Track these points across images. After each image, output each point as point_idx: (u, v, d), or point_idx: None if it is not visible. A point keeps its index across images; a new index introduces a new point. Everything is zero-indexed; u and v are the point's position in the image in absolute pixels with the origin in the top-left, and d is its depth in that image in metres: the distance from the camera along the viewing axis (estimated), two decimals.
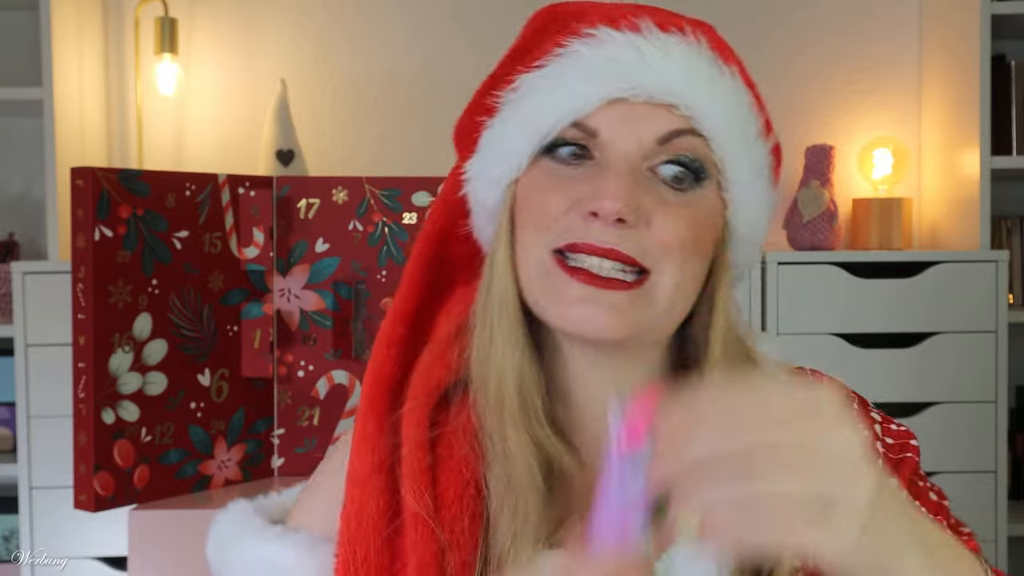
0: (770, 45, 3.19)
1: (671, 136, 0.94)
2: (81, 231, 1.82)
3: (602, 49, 0.96)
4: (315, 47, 3.21)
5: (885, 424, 1.09)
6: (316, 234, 2.09)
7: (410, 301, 1.06)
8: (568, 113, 0.95)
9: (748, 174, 0.99)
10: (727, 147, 0.97)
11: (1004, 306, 2.69)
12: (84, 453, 1.83)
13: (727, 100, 0.97)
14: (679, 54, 0.95)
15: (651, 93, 0.94)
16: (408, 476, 0.98)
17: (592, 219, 0.92)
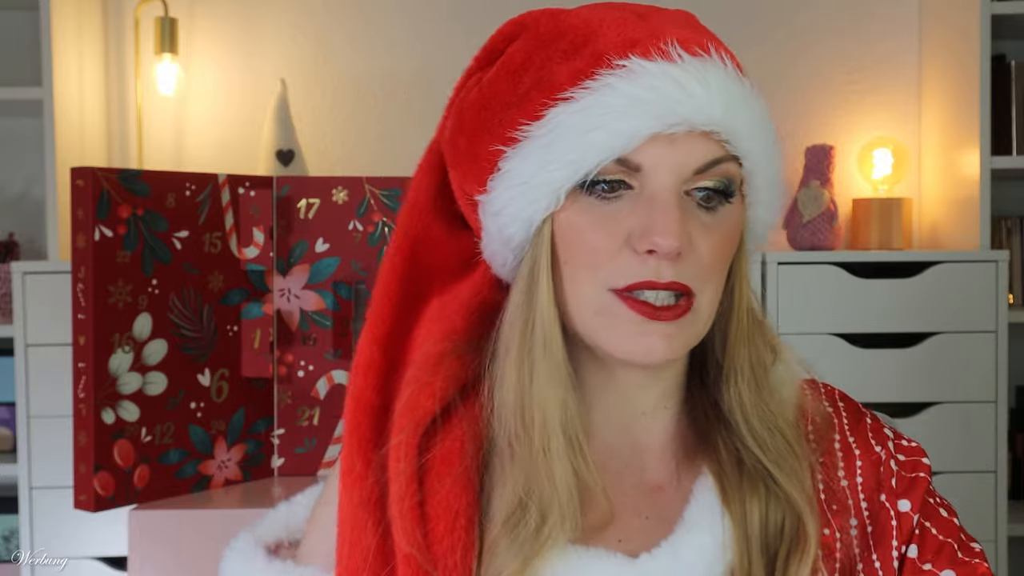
0: (770, 45, 3.19)
1: (709, 166, 0.95)
2: (81, 231, 1.82)
3: (637, 82, 0.94)
4: (315, 47, 3.21)
5: (897, 440, 1.09)
6: (316, 234, 2.09)
7: (385, 321, 1.06)
8: (611, 152, 0.94)
9: (772, 181, 1.02)
10: (756, 162, 0.99)
11: (1004, 306, 2.69)
12: (84, 453, 1.83)
13: (757, 118, 0.99)
14: (716, 81, 0.95)
15: (693, 124, 0.94)
16: (397, 515, 0.97)
17: (648, 256, 0.93)
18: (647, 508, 1.03)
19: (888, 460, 1.06)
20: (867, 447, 1.06)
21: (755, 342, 1.04)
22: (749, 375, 1.02)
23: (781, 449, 1.00)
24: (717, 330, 1.02)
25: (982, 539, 2.68)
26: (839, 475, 1.05)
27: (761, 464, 1.00)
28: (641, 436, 1.06)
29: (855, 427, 1.08)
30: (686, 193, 0.95)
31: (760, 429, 1.01)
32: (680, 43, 0.96)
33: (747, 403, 1.01)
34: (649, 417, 1.06)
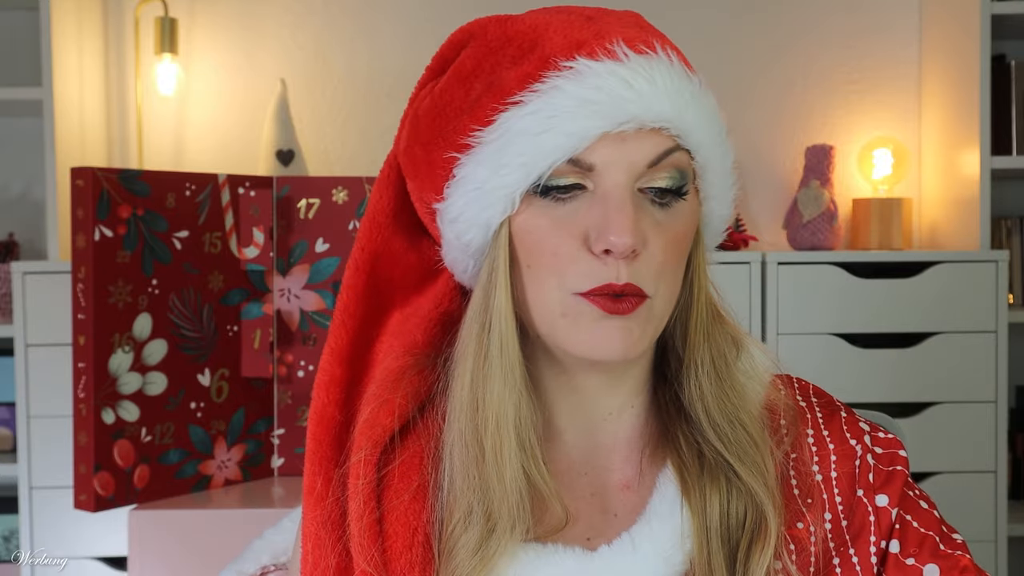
0: (770, 45, 3.18)
1: (660, 158, 0.95)
2: (81, 231, 1.82)
3: (584, 83, 0.94)
4: (315, 47, 3.21)
5: (874, 433, 1.09)
6: (316, 234, 2.09)
7: (346, 337, 1.06)
8: (563, 153, 0.94)
9: (722, 172, 1.02)
10: (708, 156, 0.99)
11: (1004, 306, 2.69)
12: (84, 453, 1.84)
13: (704, 112, 0.98)
14: (663, 78, 0.95)
15: (642, 121, 0.94)
16: (356, 533, 0.98)
17: (606, 256, 0.93)
18: (615, 506, 1.04)
19: (864, 454, 1.06)
20: (842, 441, 1.06)
21: (715, 336, 1.04)
22: (709, 367, 1.03)
23: (742, 441, 1.01)
24: (677, 324, 1.03)
25: (982, 539, 2.68)
26: (813, 469, 1.05)
27: (722, 457, 1.00)
28: (607, 437, 1.06)
29: (829, 421, 1.08)
30: (640, 191, 0.96)
31: (721, 421, 1.01)
32: (626, 42, 0.96)
33: (708, 395, 1.02)
34: (615, 418, 1.06)
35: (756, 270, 2.69)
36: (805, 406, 1.09)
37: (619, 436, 1.06)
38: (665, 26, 1.04)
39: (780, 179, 3.16)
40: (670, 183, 0.96)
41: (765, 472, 1.00)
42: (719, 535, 0.99)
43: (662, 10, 2.94)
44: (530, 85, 0.96)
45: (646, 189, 0.96)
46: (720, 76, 3.06)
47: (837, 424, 1.08)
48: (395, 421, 1.00)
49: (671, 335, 1.04)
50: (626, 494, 1.04)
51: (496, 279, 0.98)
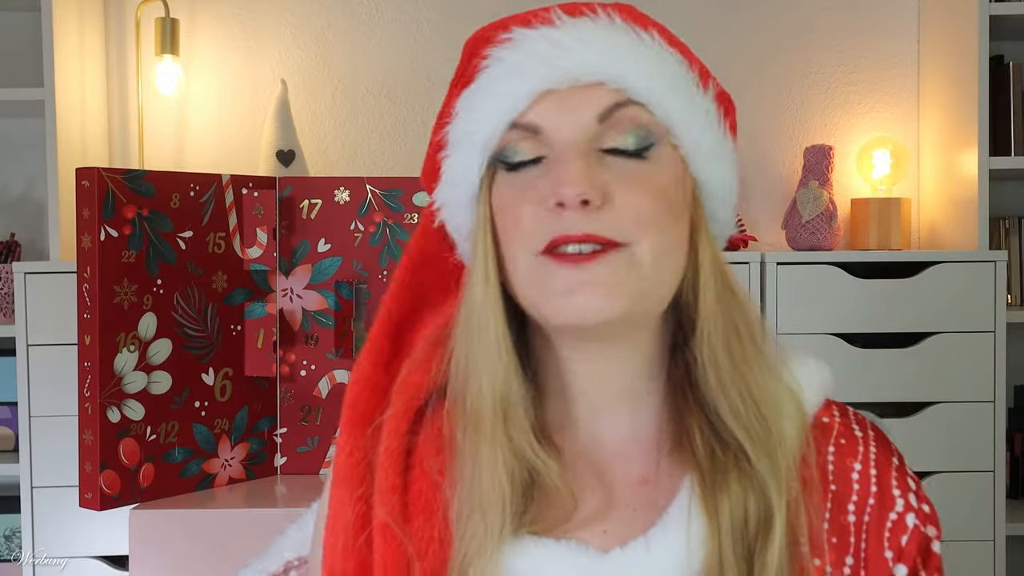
0: (770, 45, 3.19)
1: (610, 111, 0.95)
2: (87, 231, 1.82)
3: (519, 48, 0.97)
4: (315, 47, 3.22)
5: (918, 491, 1.04)
6: (318, 234, 2.10)
7: (393, 319, 1.08)
8: (502, 115, 0.96)
9: (696, 126, 0.99)
10: (666, 106, 0.97)
11: (1003, 306, 2.69)
12: (90, 451, 1.84)
13: (652, 63, 0.97)
14: (593, 33, 0.96)
15: (575, 76, 0.95)
16: (380, 485, 0.99)
17: (560, 210, 0.92)
18: (634, 500, 1.02)
19: (906, 514, 1.01)
20: (886, 489, 1.01)
21: (728, 299, 1.00)
22: (724, 331, 0.99)
23: (755, 424, 0.97)
24: (689, 299, 1.00)
25: (981, 539, 2.69)
26: (849, 507, 1.01)
27: (735, 439, 0.97)
28: (625, 427, 1.03)
29: (881, 461, 1.03)
30: (602, 150, 0.95)
31: (735, 396, 0.98)
32: (563, 9, 0.98)
33: (722, 367, 0.98)
34: (629, 403, 1.03)
35: (755, 270, 2.69)
36: (860, 436, 1.05)
37: (635, 423, 1.04)
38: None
39: (779, 179, 3.17)
40: (632, 140, 0.96)
41: (778, 460, 0.97)
42: (736, 538, 0.96)
43: (660, 8, 2.92)
44: (479, 64, 1.00)
45: (610, 149, 0.95)
46: (719, 76, 3.05)
47: (887, 469, 1.03)
48: (428, 382, 1.02)
49: (683, 310, 1.01)
50: (645, 488, 1.02)
51: (476, 253, 1.00)
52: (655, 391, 1.04)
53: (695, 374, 1.00)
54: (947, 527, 2.64)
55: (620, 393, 1.03)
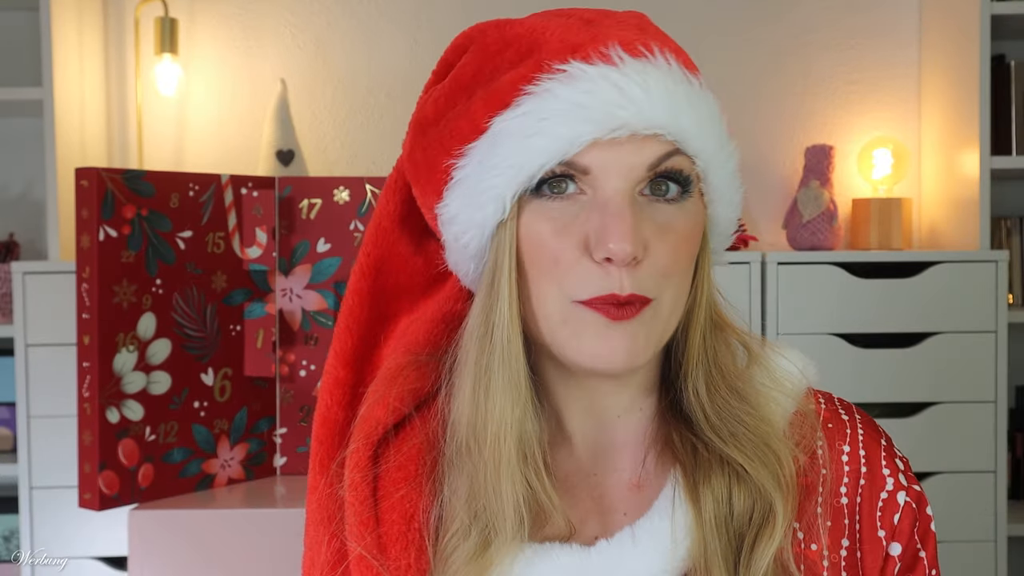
0: (770, 45, 3.19)
1: (660, 161, 0.94)
2: (86, 231, 1.82)
3: (576, 86, 0.93)
4: (315, 47, 3.22)
5: (907, 472, 1.05)
6: (318, 234, 2.09)
7: (350, 340, 1.07)
8: (553, 157, 0.93)
9: (724, 171, 1.00)
10: (709, 161, 0.97)
11: (1004, 306, 2.69)
12: (89, 452, 1.84)
13: (704, 116, 0.96)
14: (657, 83, 0.93)
15: (634, 128, 0.92)
16: (350, 520, 0.99)
17: (608, 265, 0.91)
18: (624, 505, 1.03)
19: (896, 492, 1.03)
20: (876, 469, 1.03)
21: (712, 341, 1.02)
22: (707, 373, 1.01)
23: (748, 440, 0.98)
24: (680, 329, 1.01)
25: (982, 539, 2.69)
26: (841, 490, 1.02)
27: (724, 452, 0.98)
28: (616, 438, 1.04)
29: (869, 442, 1.04)
30: (642, 194, 0.94)
31: (720, 425, 0.99)
32: (622, 45, 0.94)
33: (705, 401, 1.00)
34: (623, 419, 1.04)
35: (756, 270, 2.69)
36: (847, 419, 1.06)
37: (628, 437, 1.05)
38: (665, 27, 1.03)
39: (780, 179, 3.17)
40: (674, 189, 0.95)
41: (774, 465, 0.98)
42: (720, 529, 0.97)
43: (662, 10, 2.93)
44: (523, 88, 0.95)
45: (646, 192, 0.95)
46: (720, 76, 3.06)
47: (876, 450, 1.04)
48: (389, 416, 1.01)
49: (675, 338, 1.02)
50: (635, 493, 1.03)
51: (500, 285, 0.97)
52: (647, 407, 1.05)
53: (683, 386, 1.02)
54: (948, 527, 2.65)
55: (615, 411, 1.04)
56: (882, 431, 1.07)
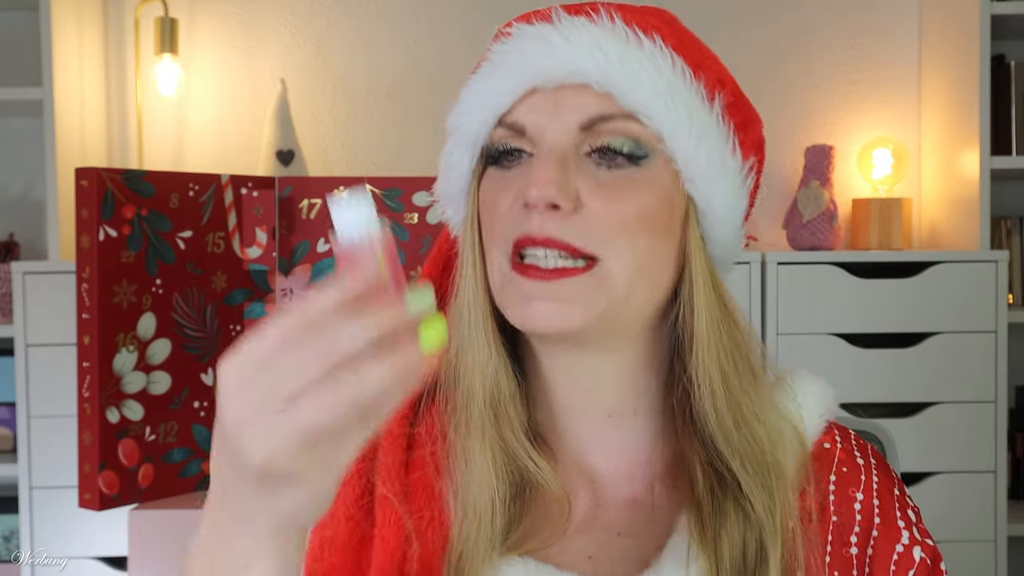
0: (770, 45, 3.19)
1: (592, 122, 0.92)
2: (86, 231, 1.82)
3: (513, 44, 0.95)
4: (315, 47, 3.21)
5: (919, 525, 1.01)
6: (318, 234, 2.09)
7: None
8: (489, 113, 0.95)
9: (692, 140, 0.93)
10: (658, 117, 0.92)
11: (1004, 306, 2.69)
12: (89, 452, 1.83)
13: (644, 69, 0.92)
14: (585, 35, 0.93)
15: (559, 77, 0.92)
16: (383, 461, 0.98)
17: (529, 211, 0.90)
18: (619, 523, 0.98)
19: (912, 547, 0.98)
20: (890, 521, 0.99)
21: (728, 327, 0.97)
22: (718, 366, 0.95)
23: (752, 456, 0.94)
24: (684, 332, 0.96)
25: (982, 539, 2.68)
26: (851, 540, 0.97)
27: (734, 476, 0.94)
28: (613, 442, 1.00)
29: (883, 490, 1.00)
30: (586, 155, 0.92)
31: (730, 427, 0.95)
32: (565, 8, 0.96)
33: (716, 394, 0.95)
34: (617, 421, 0.99)
35: (756, 270, 2.69)
36: (862, 464, 1.02)
37: (625, 443, 1.00)
38: None
39: (780, 179, 3.17)
40: (612, 143, 0.92)
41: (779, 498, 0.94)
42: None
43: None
44: (484, 58, 0.99)
45: (591, 152, 0.92)
46: None
47: (890, 500, 1.00)
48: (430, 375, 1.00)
49: (680, 333, 0.97)
50: (632, 510, 0.99)
51: (464, 254, 0.99)
52: (644, 411, 1.00)
53: (692, 399, 0.96)
54: (948, 528, 2.65)
55: (603, 407, 0.99)
56: (895, 477, 1.03)
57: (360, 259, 0.68)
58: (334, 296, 0.66)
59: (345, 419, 0.65)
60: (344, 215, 0.69)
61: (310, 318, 0.65)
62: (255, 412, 0.66)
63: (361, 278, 0.66)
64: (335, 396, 0.65)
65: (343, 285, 0.66)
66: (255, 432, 0.66)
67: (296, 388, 0.65)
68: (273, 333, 0.66)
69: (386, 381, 0.65)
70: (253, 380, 0.66)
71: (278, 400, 0.65)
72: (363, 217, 0.69)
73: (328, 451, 0.67)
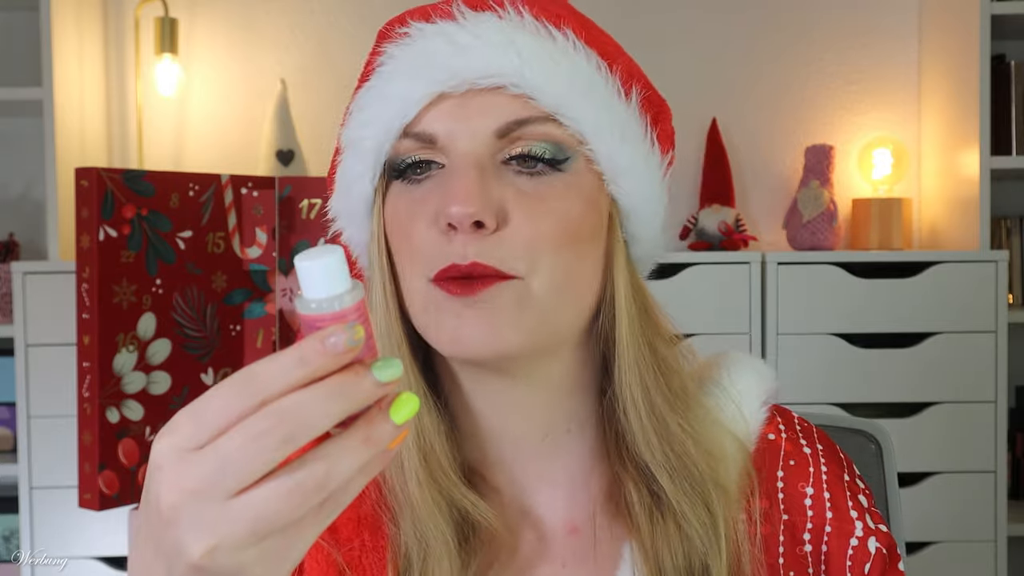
0: (770, 45, 3.19)
1: (509, 128, 0.85)
2: (86, 231, 1.82)
3: (414, 45, 0.88)
4: (315, 47, 3.21)
5: (872, 509, 0.97)
6: (318, 234, 2.09)
7: None
8: (393, 121, 0.86)
9: (614, 139, 0.88)
10: (578, 117, 0.87)
11: (1004, 306, 2.69)
12: (89, 452, 1.84)
13: (561, 67, 0.86)
14: (494, 32, 0.86)
15: (470, 79, 0.85)
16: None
17: (452, 232, 0.83)
18: (561, 553, 0.93)
19: (866, 539, 0.94)
20: (842, 514, 0.95)
21: (648, 332, 0.91)
22: (639, 380, 0.90)
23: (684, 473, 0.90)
24: (607, 331, 0.91)
25: (982, 539, 2.68)
26: (804, 537, 0.94)
27: (664, 492, 0.89)
28: (546, 468, 0.94)
29: (833, 481, 0.96)
30: (504, 163, 0.85)
31: (657, 445, 0.90)
32: (466, 3, 0.89)
33: (641, 411, 0.90)
34: (551, 444, 0.93)
35: (756, 270, 2.69)
36: (809, 453, 0.98)
37: (559, 465, 0.94)
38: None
39: (780, 179, 3.17)
40: (533, 149, 0.85)
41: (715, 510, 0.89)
42: None
43: (661, 10, 2.93)
44: (375, 61, 0.91)
45: (509, 160, 0.86)
46: (720, 76, 3.06)
47: (840, 489, 0.96)
48: None
49: (603, 342, 0.92)
50: (573, 539, 0.93)
51: (373, 275, 0.91)
52: (577, 429, 0.94)
53: (617, 417, 0.91)
54: (948, 528, 2.65)
55: (536, 430, 0.93)
56: (843, 459, 0.99)
57: (328, 323, 0.60)
58: (297, 367, 0.58)
59: (302, 510, 0.59)
60: (312, 272, 0.60)
61: (268, 389, 0.58)
62: (197, 498, 0.58)
63: (330, 347, 0.58)
64: (297, 485, 0.58)
65: (308, 354, 0.58)
66: (196, 522, 0.58)
67: (249, 473, 0.57)
68: (221, 404, 0.58)
69: (355, 468, 0.59)
70: (197, 458, 0.58)
71: (226, 485, 0.57)
72: (334, 276, 0.61)
73: (278, 545, 0.60)
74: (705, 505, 0.89)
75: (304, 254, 0.61)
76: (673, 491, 0.89)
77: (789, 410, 1.02)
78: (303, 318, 0.61)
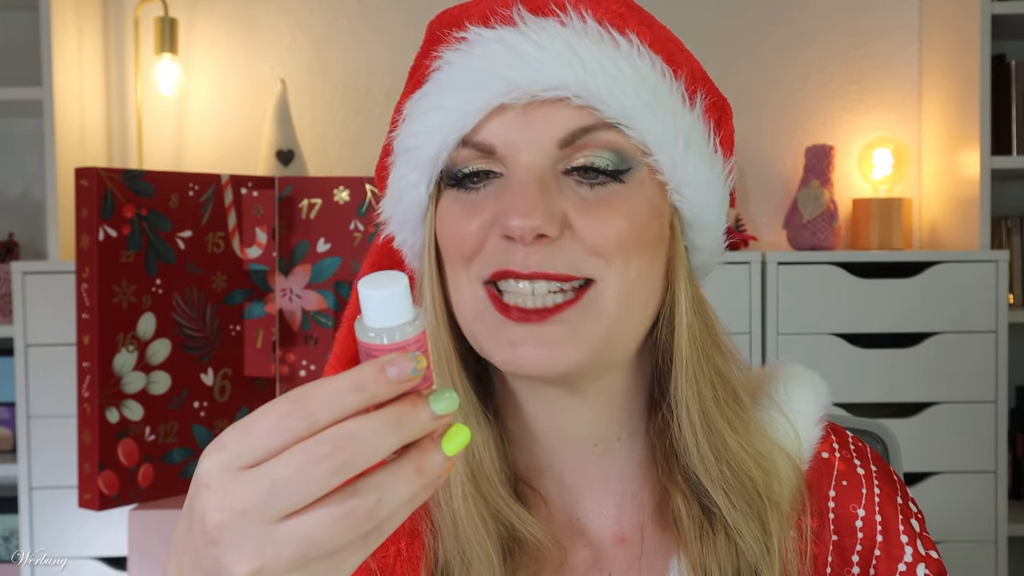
0: (770, 45, 3.19)
1: (573, 137, 0.83)
2: (85, 231, 1.82)
3: (472, 52, 0.85)
4: (315, 47, 3.21)
5: (923, 534, 0.95)
6: (318, 234, 2.09)
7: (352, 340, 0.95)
8: (451, 132, 0.84)
9: (678, 149, 0.86)
10: (642, 127, 0.84)
11: (1004, 306, 2.69)
12: (89, 452, 1.83)
13: (627, 76, 0.84)
14: (557, 40, 0.83)
15: (532, 91, 0.82)
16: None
17: (511, 243, 0.82)
18: (609, 563, 0.92)
19: (915, 565, 0.92)
20: (893, 538, 0.93)
21: (707, 345, 0.90)
22: (696, 394, 0.88)
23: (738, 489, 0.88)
24: (665, 340, 0.89)
25: (982, 539, 2.68)
26: (853, 559, 0.92)
27: (717, 506, 0.88)
28: (595, 476, 0.93)
29: (886, 504, 0.94)
30: (565, 173, 0.84)
31: (712, 461, 0.88)
32: (527, 6, 0.85)
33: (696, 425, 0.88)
34: (601, 452, 0.92)
35: (756, 270, 2.69)
36: (863, 474, 0.95)
37: (609, 476, 0.93)
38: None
39: (780, 179, 3.17)
40: (596, 161, 0.84)
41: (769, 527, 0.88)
42: None
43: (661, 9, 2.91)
44: (430, 65, 0.88)
45: (570, 171, 0.84)
46: (720, 76, 3.05)
47: (892, 512, 0.94)
48: None
49: (660, 351, 0.90)
50: (621, 548, 0.93)
51: (422, 283, 0.90)
52: (628, 439, 0.93)
53: (671, 430, 0.90)
54: (949, 528, 2.65)
55: (589, 438, 0.92)
56: (897, 482, 0.97)
57: (387, 352, 0.59)
58: (352, 391, 0.57)
59: (350, 537, 0.58)
60: (375, 301, 0.60)
61: (320, 412, 0.57)
62: (245, 519, 0.57)
63: (393, 377, 0.58)
64: (347, 514, 0.57)
65: (366, 381, 0.57)
66: (242, 543, 0.57)
67: (301, 497, 0.57)
68: (272, 423, 0.58)
69: (406, 498, 0.59)
70: (247, 478, 0.57)
71: (276, 508, 0.57)
72: (398, 305, 0.60)
73: (322, 570, 0.59)
74: (760, 522, 0.88)
75: (368, 281, 0.60)
76: (728, 508, 0.88)
77: (844, 429, 1.00)
78: (362, 344, 0.61)
